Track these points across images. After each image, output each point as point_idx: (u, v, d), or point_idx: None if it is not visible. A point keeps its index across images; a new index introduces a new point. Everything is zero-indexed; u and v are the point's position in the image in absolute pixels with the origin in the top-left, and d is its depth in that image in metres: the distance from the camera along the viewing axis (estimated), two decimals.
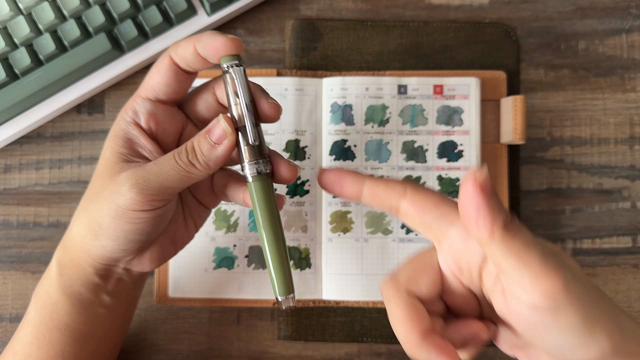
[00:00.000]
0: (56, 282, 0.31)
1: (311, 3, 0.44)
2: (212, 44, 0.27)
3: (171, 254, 0.32)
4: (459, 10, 0.43)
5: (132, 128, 0.29)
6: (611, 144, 0.42)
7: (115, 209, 0.27)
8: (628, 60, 0.43)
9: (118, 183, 0.27)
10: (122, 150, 0.29)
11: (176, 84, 0.29)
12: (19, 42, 0.40)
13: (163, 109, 0.29)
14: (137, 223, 0.28)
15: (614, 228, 0.42)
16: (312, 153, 0.41)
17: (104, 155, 0.29)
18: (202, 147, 0.27)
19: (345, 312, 0.41)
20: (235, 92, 0.27)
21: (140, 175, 0.27)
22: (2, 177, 0.43)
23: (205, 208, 0.33)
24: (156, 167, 0.27)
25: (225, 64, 0.27)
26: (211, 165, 0.27)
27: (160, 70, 0.29)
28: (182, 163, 0.27)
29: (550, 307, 0.22)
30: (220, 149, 0.27)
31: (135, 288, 0.34)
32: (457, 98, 0.41)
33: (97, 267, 0.30)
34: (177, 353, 0.41)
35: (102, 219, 0.28)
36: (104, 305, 0.32)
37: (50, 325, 0.31)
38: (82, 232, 0.29)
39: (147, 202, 0.27)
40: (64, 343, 0.31)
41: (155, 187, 0.27)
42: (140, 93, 0.29)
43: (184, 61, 0.28)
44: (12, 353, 0.32)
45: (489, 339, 0.26)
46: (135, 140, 0.29)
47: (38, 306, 0.31)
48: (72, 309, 0.31)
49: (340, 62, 0.43)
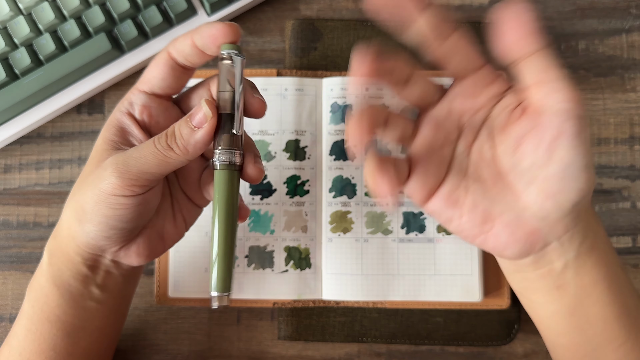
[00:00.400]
0: (47, 272, 0.31)
1: (311, 3, 0.44)
2: (209, 32, 0.27)
3: (160, 250, 0.32)
4: (459, 10, 0.43)
5: (126, 118, 0.29)
6: (611, 144, 0.42)
7: (98, 193, 0.27)
8: (628, 60, 0.43)
9: (102, 168, 0.28)
10: (113, 138, 0.29)
11: (172, 79, 0.29)
12: (19, 42, 0.40)
13: (158, 102, 0.30)
14: (118, 209, 0.28)
15: (614, 228, 0.42)
16: (312, 153, 0.41)
17: (96, 144, 0.30)
18: (183, 131, 0.27)
19: (345, 312, 0.41)
20: (228, 80, 0.27)
21: (121, 160, 0.27)
22: (2, 177, 0.43)
23: (195, 206, 0.33)
24: (136, 152, 0.27)
25: (225, 51, 0.27)
26: (190, 149, 0.27)
27: (157, 65, 0.29)
28: (161, 147, 0.27)
29: (577, 116, 0.25)
30: (200, 133, 0.27)
31: (126, 283, 0.33)
32: None
33: (84, 256, 0.30)
34: (177, 353, 0.41)
35: (86, 203, 0.28)
36: (94, 298, 0.31)
37: (42, 317, 0.31)
38: (70, 218, 0.29)
39: (127, 187, 0.27)
40: (55, 336, 0.31)
41: (134, 171, 0.27)
42: (137, 86, 0.30)
43: (182, 55, 0.28)
44: (7, 348, 0.32)
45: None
46: (128, 130, 0.29)
47: (31, 298, 0.31)
48: (62, 300, 0.31)
49: (340, 62, 0.43)
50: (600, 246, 0.29)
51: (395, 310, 0.41)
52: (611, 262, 0.29)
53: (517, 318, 0.40)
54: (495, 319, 0.41)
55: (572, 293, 0.29)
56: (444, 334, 0.41)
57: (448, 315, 0.41)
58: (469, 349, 0.41)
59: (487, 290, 0.40)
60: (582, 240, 0.28)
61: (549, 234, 0.27)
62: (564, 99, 0.25)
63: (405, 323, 0.41)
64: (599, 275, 0.29)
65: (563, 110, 0.25)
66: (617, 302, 0.29)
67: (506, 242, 0.28)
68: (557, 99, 0.26)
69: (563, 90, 0.26)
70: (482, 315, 0.41)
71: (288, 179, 0.41)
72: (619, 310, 0.29)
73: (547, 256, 0.28)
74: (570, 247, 0.28)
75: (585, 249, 0.28)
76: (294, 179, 0.41)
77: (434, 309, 0.41)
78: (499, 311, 0.40)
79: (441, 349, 0.41)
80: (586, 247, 0.28)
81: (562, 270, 0.28)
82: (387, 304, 0.40)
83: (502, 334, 0.40)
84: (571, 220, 0.27)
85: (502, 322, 0.41)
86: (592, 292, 0.29)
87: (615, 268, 0.29)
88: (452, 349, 0.41)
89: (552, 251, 0.28)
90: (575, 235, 0.28)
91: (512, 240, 0.27)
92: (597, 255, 0.29)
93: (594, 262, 0.28)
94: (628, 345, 0.29)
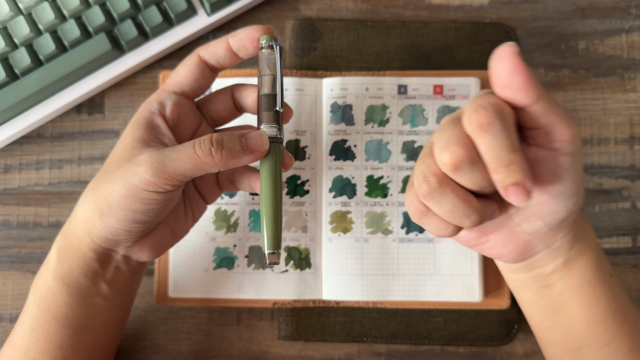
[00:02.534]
0: (55, 271, 0.31)
1: (311, 3, 0.44)
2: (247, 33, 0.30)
3: (169, 245, 0.33)
4: (459, 10, 0.43)
5: (156, 117, 0.31)
6: (611, 144, 0.42)
7: (128, 187, 0.28)
8: (628, 60, 0.43)
9: (135, 164, 0.28)
10: (144, 136, 0.30)
11: (202, 79, 0.32)
12: (19, 42, 0.40)
13: (186, 103, 0.32)
14: (148, 203, 0.29)
15: (614, 228, 0.42)
16: (312, 153, 0.41)
17: (123, 142, 0.30)
18: (234, 146, 0.28)
19: (345, 312, 0.41)
20: (267, 65, 0.30)
21: (157, 158, 0.28)
22: (2, 177, 0.43)
23: (204, 202, 0.35)
24: (173, 152, 0.28)
25: (264, 41, 0.30)
26: (229, 165, 0.29)
27: (189, 67, 0.31)
28: (202, 153, 0.28)
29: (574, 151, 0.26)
30: (248, 157, 0.29)
31: (133, 279, 0.34)
32: (457, 98, 0.41)
33: (97, 251, 0.31)
34: (177, 353, 0.41)
35: (112, 197, 0.29)
36: (102, 295, 0.32)
37: (48, 316, 0.31)
38: (88, 212, 0.30)
39: (160, 185, 0.28)
40: (62, 334, 0.31)
41: (169, 171, 0.28)
42: (165, 87, 0.32)
43: (214, 57, 0.31)
44: (10, 347, 0.32)
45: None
46: (158, 129, 0.31)
47: (37, 297, 0.32)
48: (70, 298, 0.31)
49: (340, 62, 0.43)
50: (588, 252, 0.31)
51: (395, 310, 0.41)
52: (598, 267, 0.31)
53: (517, 318, 0.40)
54: (495, 319, 0.41)
55: (558, 292, 0.31)
56: (444, 334, 0.41)
57: (448, 315, 0.41)
58: (469, 349, 0.41)
59: (487, 290, 0.40)
60: (570, 247, 0.30)
61: (538, 245, 0.29)
62: (561, 139, 0.26)
63: (405, 323, 0.41)
64: (584, 278, 0.30)
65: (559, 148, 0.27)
66: (601, 305, 0.31)
67: (500, 252, 0.30)
68: (553, 139, 0.26)
69: (560, 130, 0.26)
70: (482, 315, 0.41)
71: (288, 179, 0.41)
72: (604, 313, 0.31)
73: (538, 262, 0.30)
74: (559, 253, 0.30)
75: (574, 254, 0.30)
76: (294, 179, 0.41)
77: (434, 309, 0.41)
78: (499, 311, 0.40)
79: (441, 349, 0.41)
80: (574, 252, 0.30)
81: (551, 272, 0.31)
82: (387, 304, 0.40)
83: (502, 334, 0.40)
84: (560, 232, 0.29)
85: (502, 322, 0.41)
86: (578, 293, 0.31)
87: (602, 273, 0.31)
88: (452, 349, 0.41)
89: (542, 257, 0.30)
90: (564, 244, 0.30)
91: (505, 250, 0.30)
92: (585, 260, 0.30)
93: (580, 266, 0.30)
94: (612, 347, 0.31)
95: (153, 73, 0.43)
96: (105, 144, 0.43)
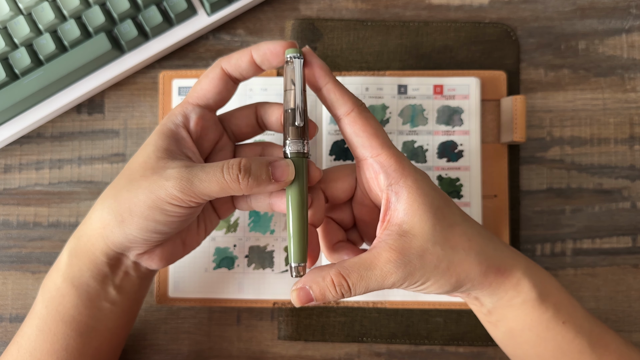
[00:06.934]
0: (65, 272, 0.31)
1: (311, 3, 0.44)
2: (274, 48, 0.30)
3: (179, 256, 0.34)
4: (459, 10, 0.43)
5: (181, 129, 0.31)
6: (611, 144, 0.42)
7: (154, 199, 0.29)
8: (628, 60, 0.43)
9: (163, 177, 0.29)
10: (168, 147, 0.30)
11: (225, 92, 0.32)
12: (19, 42, 0.40)
13: (209, 116, 0.32)
14: (171, 216, 0.29)
15: (614, 228, 0.42)
16: (312, 153, 0.41)
17: (145, 150, 0.31)
18: (260, 174, 0.29)
19: (345, 312, 0.41)
20: (292, 80, 0.30)
21: (186, 176, 0.28)
22: (2, 177, 0.43)
23: (217, 216, 0.35)
24: (202, 173, 0.28)
25: (289, 55, 0.30)
26: (254, 192, 0.29)
27: (211, 80, 0.31)
28: (229, 177, 0.28)
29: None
30: (273, 187, 0.29)
31: (141, 285, 0.34)
32: (457, 98, 0.41)
33: (109, 255, 0.31)
34: (177, 353, 0.41)
35: (136, 206, 0.29)
36: (110, 299, 0.32)
37: (56, 318, 0.31)
38: (106, 217, 0.30)
39: (186, 201, 0.28)
40: (68, 336, 0.32)
41: (196, 190, 0.28)
42: (189, 100, 0.32)
43: (237, 70, 0.31)
44: (16, 347, 0.32)
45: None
46: (183, 142, 0.31)
47: (45, 298, 0.32)
48: (78, 300, 0.31)
49: (340, 62, 0.43)
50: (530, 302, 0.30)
51: (395, 310, 0.41)
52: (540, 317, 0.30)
53: None
54: None
55: (503, 331, 0.32)
56: (444, 334, 0.41)
57: (448, 315, 0.41)
58: (469, 349, 0.41)
59: None
60: (502, 296, 0.30)
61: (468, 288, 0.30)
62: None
63: (405, 323, 0.41)
64: (524, 324, 0.31)
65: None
66: (549, 346, 0.31)
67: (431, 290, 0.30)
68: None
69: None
70: None
71: None
72: (551, 353, 0.31)
73: (472, 298, 0.32)
74: (491, 300, 0.31)
75: (507, 302, 0.30)
76: None
77: (434, 309, 0.41)
78: None
79: (441, 349, 0.41)
80: (509, 300, 0.30)
81: (489, 311, 0.32)
82: (387, 304, 0.40)
83: None
84: (480, 286, 0.30)
85: None
86: (521, 334, 0.31)
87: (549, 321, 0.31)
88: (452, 349, 0.41)
89: (476, 297, 0.31)
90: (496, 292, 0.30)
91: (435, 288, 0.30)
92: (526, 308, 0.30)
93: (518, 314, 0.31)
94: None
95: (153, 73, 0.43)
96: (105, 144, 0.43)
